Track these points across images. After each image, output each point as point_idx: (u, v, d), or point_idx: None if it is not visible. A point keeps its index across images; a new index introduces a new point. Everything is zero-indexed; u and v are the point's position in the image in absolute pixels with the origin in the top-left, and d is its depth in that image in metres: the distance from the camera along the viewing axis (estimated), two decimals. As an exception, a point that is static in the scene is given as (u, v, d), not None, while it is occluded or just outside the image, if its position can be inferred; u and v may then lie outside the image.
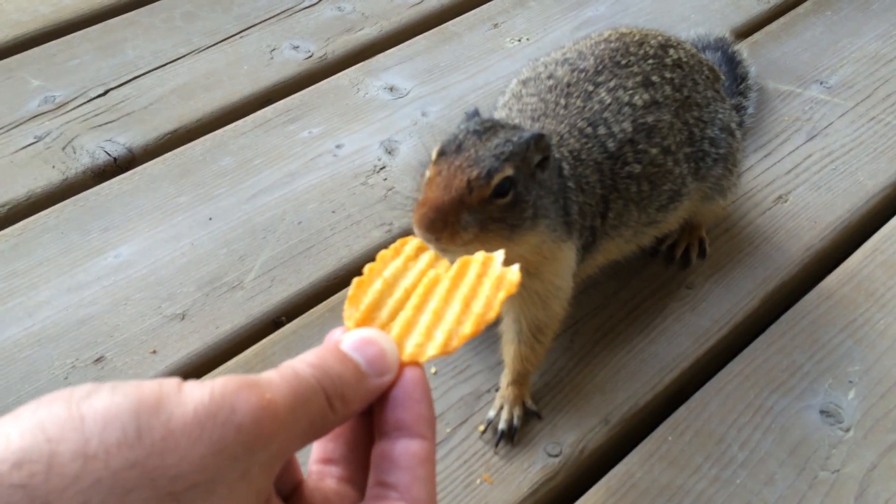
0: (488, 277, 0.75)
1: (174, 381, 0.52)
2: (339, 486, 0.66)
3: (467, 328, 0.70)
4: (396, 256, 0.79)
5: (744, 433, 1.29)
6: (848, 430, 1.29)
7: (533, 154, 1.07)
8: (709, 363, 1.41)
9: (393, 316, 0.71)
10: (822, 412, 1.32)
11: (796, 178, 1.70)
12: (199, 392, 0.51)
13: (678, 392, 1.37)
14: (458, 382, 1.36)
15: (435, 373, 1.37)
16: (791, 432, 1.29)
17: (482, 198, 1.01)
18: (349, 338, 0.66)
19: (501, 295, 0.72)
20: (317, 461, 0.68)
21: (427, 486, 0.61)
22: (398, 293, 0.73)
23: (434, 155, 1.06)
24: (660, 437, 1.29)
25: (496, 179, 1.01)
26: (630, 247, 1.41)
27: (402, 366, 0.66)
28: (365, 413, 0.66)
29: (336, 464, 0.67)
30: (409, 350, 0.68)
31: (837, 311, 1.46)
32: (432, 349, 0.68)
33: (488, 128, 1.08)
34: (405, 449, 0.62)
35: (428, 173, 1.05)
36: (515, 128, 1.10)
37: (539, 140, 1.07)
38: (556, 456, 1.26)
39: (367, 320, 0.70)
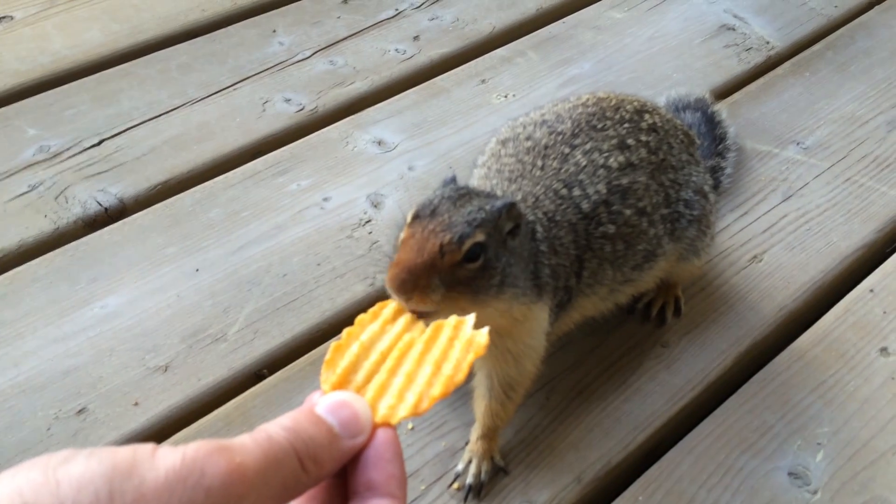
0: (459, 340, 0.80)
1: (149, 447, 0.55)
2: None
3: (437, 390, 0.74)
4: (374, 320, 0.84)
5: (713, 494, 1.31)
6: (815, 492, 1.32)
7: (504, 222, 1.11)
8: (682, 422, 1.43)
9: (368, 379, 0.76)
10: (790, 474, 1.34)
11: (771, 237, 1.75)
12: (171, 457, 0.54)
13: (651, 451, 1.40)
14: (434, 439, 1.38)
15: (412, 429, 1.39)
16: (760, 494, 1.31)
17: (453, 262, 1.04)
18: (324, 401, 0.70)
19: (470, 357, 0.77)
20: None
21: None
22: (374, 356, 0.78)
23: (409, 217, 1.10)
24: (631, 496, 1.31)
25: (467, 245, 1.05)
26: (606, 304, 1.44)
27: (375, 427, 0.70)
28: (340, 475, 0.70)
29: None
30: (382, 412, 0.72)
31: (808, 372, 1.49)
32: (404, 410, 0.72)
33: (463, 194, 1.12)
34: None
35: (402, 234, 1.09)
36: (489, 196, 1.14)
37: (511, 208, 1.11)
38: (529, 514, 1.28)
39: (343, 383, 0.75)
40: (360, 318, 0.83)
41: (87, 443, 1.36)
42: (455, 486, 1.31)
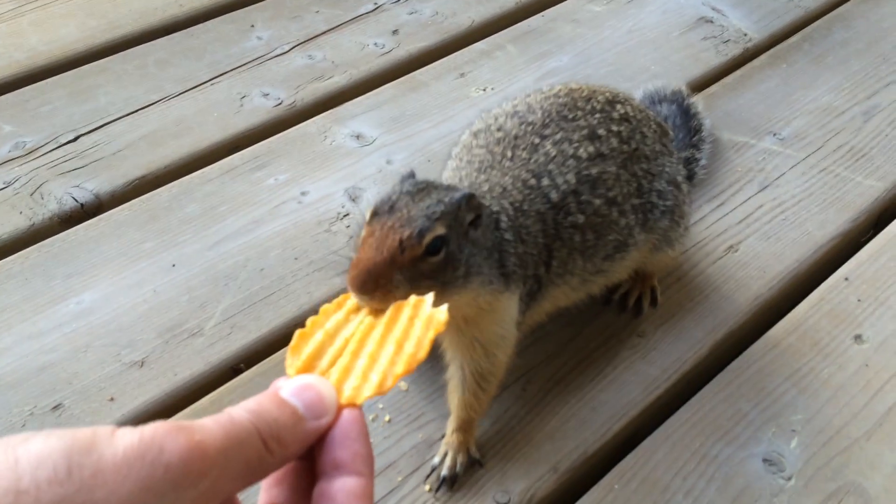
0: (419, 318, 0.82)
1: (108, 427, 0.56)
2: None
3: (400, 368, 0.76)
4: (339, 310, 0.85)
5: (689, 481, 1.32)
6: (789, 478, 1.33)
7: (465, 213, 1.10)
8: (657, 411, 1.44)
9: (332, 363, 0.78)
10: (765, 461, 1.35)
11: (747, 227, 1.76)
12: (129, 435, 0.55)
13: (627, 440, 1.40)
14: (412, 430, 1.38)
15: (388, 421, 1.39)
16: (734, 481, 1.32)
17: (414, 257, 1.03)
18: (288, 384, 0.70)
19: (431, 334, 0.79)
20: None
21: None
22: (338, 342, 0.80)
23: (368, 215, 1.09)
24: (607, 485, 1.31)
25: (427, 239, 1.04)
26: (579, 294, 1.45)
27: (341, 408, 0.71)
28: (308, 458, 0.70)
29: None
30: (347, 393, 0.73)
31: (783, 360, 1.50)
32: (368, 390, 0.74)
33: (421, 189, 1.11)
34: (342, 486, 0.66)
35: (363, 233, 1.08)
36: (449, 188, 1.14)
37: (470, 199, 1.10)
38: (505, 504, 1.29)
39: (307, 368, 0.76)
40: (325, 307, 0.84)
41: (63, 439, 1.35)
42: (427, 487, 1.31)
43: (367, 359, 0.76)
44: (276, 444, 0.63)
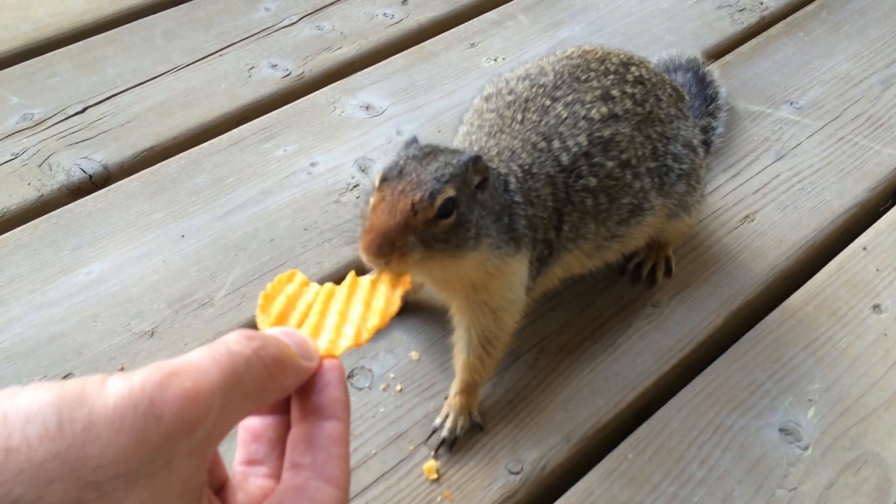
0: (381, 282, 0.85)
1: (98, 377, 0.53)
2: (263, 482, 0.68)
3: (374, 321, 0.78)
4: (290, 282, 0.84)
5: (703, 451, 1.30)
6: (806, 448, 1.31)
7: (472, 175, 1.10)
8: (671, 381, 1.42)
9: (300, 322, 0.77)
10: (781, 430, 1.33)
11: (763, 197, 1.73)
12: (119, 384, 0.53)
13: (640, 410, 1.39)
14: (423, 400, 1.37)
15: (400, 390, 1.38)
16: (750, 450, 1.30)
17: (427, 219, 1.03)
18: (273, 330, 0.70)
19: (399, 290, 0.82)
20: (241, 463, 0.70)
21: (341, 464, 0.64)
22: (301, 307, 0.79)
23: (377, 181, 1.08)
24: (620, 454, 1.30)
25: (439, 200, 1.04)
26: (594, 261, 1.43)
27: (321, 359, 0.70)
28: (285, 412, 0.70)
29: (259, 464, 0.70)
30: (323, 346, 0.73)
31: (800, 330, 1.48)
32: (345, 342, 0.74)
33: (427, 153, 1.10)
34: (319, 429, 0.65)
35: (372, 200, 1.07)
36: (454, 151, 1.13)
37: (477, 161, 1.10)
38: (517, 473, 1.27)
39: (279, 324, 0.76)
40: (279, 277, 0.83)
41: (73, 408, 1.35)
42: (430, 463, 1.29)
43: (337, 316, 0.76)
44: (278, 370, 0.61)
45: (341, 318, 0.76)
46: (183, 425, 0.53)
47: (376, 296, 0.80)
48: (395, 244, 0.98)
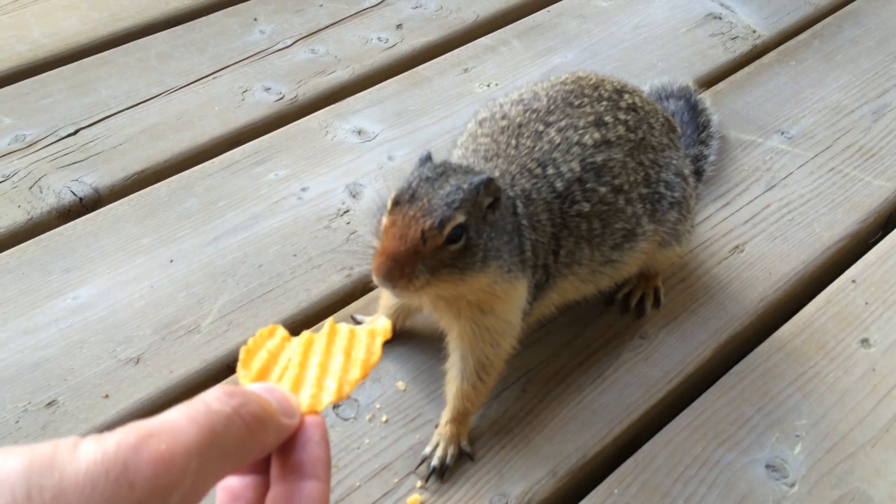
0: (360, 331, 0.82)
1: (70, 440, 0.52)
2: None
3: (356, 373, 0.76)
4: (271, 337, 0.83)
5: (689, 487, 1.30)
6: (793, 485, 1.30)
7: (483, 198, 1.12)
8: (658, 415, 1.42)
9: (281, 377, 0.76)
10: (767, 466, 1.32)
11: (754, 227, 1.73)
12: (92, 448, 0.51)
13: (627, 444, 1.38)
14: (409, 431, 1.36)
15: (385, 421, 1.37)
16: (736, 487, 1.30)
17: (435, 246, 1.06)
18: (254, 386, 0.69)
19: (379, 340, 0.80)
20: None
21: None
22: (282, 362, 0.78)
23: (389, 204, 1.11)
24: (606, 490, 1.29)
25: (448, 228, 1.07)
26: (588, 287, 1.42)
27: (303, 416, 0.69)
28: (265, 472, 0.68)
29: None
30: (305, 402, 0.72)
31: (788, 364, 1.47)
32: (328, 397, 0.73)
33: (440, 174, 1.12)
34: (299, 490, 0.64)
35: (385, 221, 1.10)
36: (467, 172, 1.14)
37: (489, 184, 1.12)
38: (502, 508, 1.27)
39: (260, 379, 0.75)
40: (261, 331, 0.82)
41: (57, 435, 1.34)
42: (418, 484, 1.29)
43: (317, 369, 0.75)
44: (259, 428, 0.60)
45: (322, 369, 0.75)
46: (157, 491, 0.52)
47: (356, 345, 0.78)
48: (403, 270, 1.03)
